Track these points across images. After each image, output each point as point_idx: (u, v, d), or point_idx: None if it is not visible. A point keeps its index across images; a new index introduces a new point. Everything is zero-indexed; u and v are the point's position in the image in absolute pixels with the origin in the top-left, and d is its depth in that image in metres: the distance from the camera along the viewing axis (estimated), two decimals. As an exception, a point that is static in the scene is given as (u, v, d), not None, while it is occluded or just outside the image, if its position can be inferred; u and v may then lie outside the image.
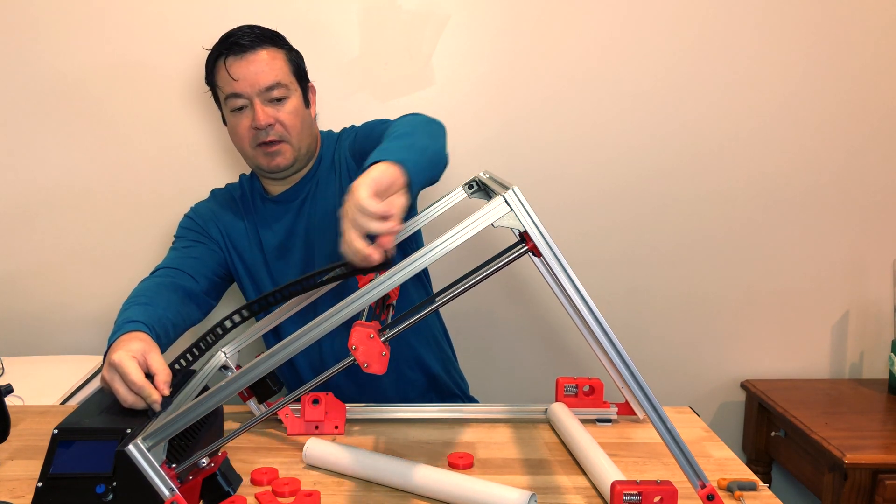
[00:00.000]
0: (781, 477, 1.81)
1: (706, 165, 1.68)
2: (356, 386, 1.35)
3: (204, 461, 0.91)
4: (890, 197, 1.71)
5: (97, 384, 1.29)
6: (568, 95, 1.64)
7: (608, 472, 0.94)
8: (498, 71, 1.62)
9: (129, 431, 0.88)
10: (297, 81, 1.30)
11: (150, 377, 0.96)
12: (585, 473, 1.01)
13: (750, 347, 1.78)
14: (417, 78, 1.62)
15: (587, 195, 1.69)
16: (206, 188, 1.48)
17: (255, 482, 0.99)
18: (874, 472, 1.42)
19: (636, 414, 1.17)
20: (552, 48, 1.62)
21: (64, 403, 1.37)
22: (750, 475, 1.00)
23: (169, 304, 1.16)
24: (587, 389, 1.17)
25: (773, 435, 1.68)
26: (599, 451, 1.00)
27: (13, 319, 1.69)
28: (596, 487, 0.97)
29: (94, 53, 1.58)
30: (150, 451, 0.84)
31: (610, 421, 1.17)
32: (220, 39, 1.27)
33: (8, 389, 1.05)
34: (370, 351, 0.82)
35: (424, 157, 0.99)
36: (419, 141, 1.02)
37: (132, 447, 0.83)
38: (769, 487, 1.05)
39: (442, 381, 1.42)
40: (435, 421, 1.19)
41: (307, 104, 1.33)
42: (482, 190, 1.13)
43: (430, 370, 1.39)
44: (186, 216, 1.39)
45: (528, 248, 0.80)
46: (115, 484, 0.86)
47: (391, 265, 0.82)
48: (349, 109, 1.61)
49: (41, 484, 0.87)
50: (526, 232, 0.78)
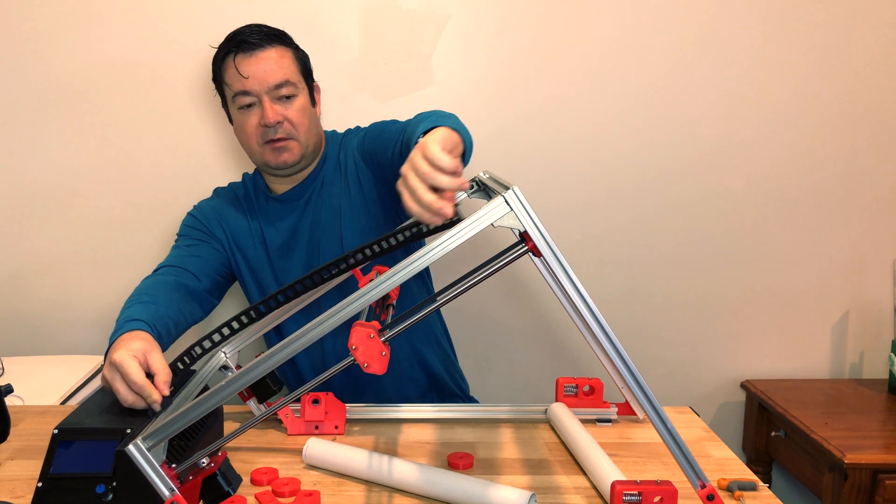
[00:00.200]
0: (781, 477, 1.81)
1: (706, 165, 1.68)
2: (357, 385, 1.35)
3: (204, 461, 0.91)
4: (890, 197, 1.71)
5: (97, 384, 1.29)
6: (568, 95, 1.64)
7: (608, 472, 0.94)
8: (498, 71, 1.62)
9: (129, 431, 0.88)
10: (304, 80, 1.31)
11: (150, 377, 0.96)
12: (585, 473, 1.01)
13: (750, 347, 1.78)
14: (417, 78, 1.62)
15: (587, 195, 1.69)
16: (207, 188, 1.48)
17: (255, 482, 0.99)
18: (874, 472, 1.42)
19: (636, 414, 1.17)
20: (552, 48, 1.61)
21: (64, 403, 1.37)
22: (750, 475, 1.00)
23: (171, 302, 1.16)
24: (587, 389, 1.17)
25: (773, 435, 1.68)
26: (599, 451, 1.00)
27: (13, 319, 1.69)
28: (596, 487, 0.97)
29: (93, 53, 1.58)
30: (150, 451, 0.84)
31: (610, 421, 1.17)
32: (227, 37, 1.28)
33: (8, 389, 1.05)
34: (370, 351, 0.82)
35: (469, 136, 1.01)
36: (460, 124, 1.03)
37: (132, 447, 0.83)
38: (769, 487, 1.05)
39: (443, 380, 1.42)
40: (435, 421, 1.19)
41: (313, 103, 1.34)
42: (482, 190, 1.13)
43: (431, 369, 1.39)
44: (190, 214, 1.39)
45: (528, 248, 0.80)
46: (115, 484, 0.86)
47: (459, 222, 0.79)
48: (349, 109, 1.61)
49: (41, 484, 0.87)
50: (526, 232, 0.78)
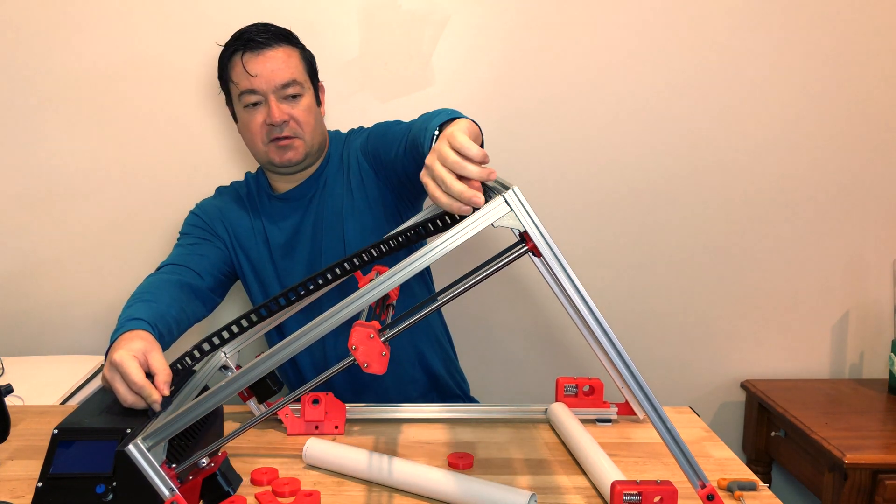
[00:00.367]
0: (781, 477, 1.81)
1: (706, 165, 1.68)
2: (358, 385, 1.35)
3: (204, 461, 0.91)
4: (890, 198, 1.71)
5: (97, 384, 1.29)
6: (568, 95, 1.64)
7: (608, 472, 0.94)
8: (498, 71, 1.62)
9: (129, 431, 0.88)
10: (310, 80, 1.32)
11: (150, 377, 0.96)
12: (585, 473, 1.01)
13: (750, 347, 1.78)
14: (417, 78, 1.62)
15: (587, 195, 1.68)
16: (209, 187, 1.48)
17: (255, 482, 0.99)
18: (874, 472, 1.42)
19: (636, 414, 1.17)
20: (552, 48, 1.61)
21: (64, 403, 1.37)
22: (750, 475, 1.00)
23: (173, 300, 1.16)
24: (587, 389, 1.17)
25: (773, 435, 1.68)
26: (599, 451, 1.00)
27: (13, 319, 1.69)
28: (596, 487, 0.97)
29: (93, 52, 1.58)
30: (150, 451, 0.84)
31: (610, 421, 1.17)
32: (234, 36, 1.28)
33: (8, 389, 1.05)
34: (370, 351, 0.82)
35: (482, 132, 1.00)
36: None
37: (132, 447, 0.83)
38: (769, 487, 1.05)
39: (444, 380, 1.42)
40: (435, 421, 1.19)
41: (318, 103, 1.34)
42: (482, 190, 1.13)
43: (432, 369, 1.39)
44: (192, 213, 1.39)
45: (528, 248, 0.80)
46: (115, 484, 0.86)
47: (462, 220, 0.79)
48: (349, 109, 1.61)
49: (41, 484, 0.87)
50: (526, 232, 0.78)
